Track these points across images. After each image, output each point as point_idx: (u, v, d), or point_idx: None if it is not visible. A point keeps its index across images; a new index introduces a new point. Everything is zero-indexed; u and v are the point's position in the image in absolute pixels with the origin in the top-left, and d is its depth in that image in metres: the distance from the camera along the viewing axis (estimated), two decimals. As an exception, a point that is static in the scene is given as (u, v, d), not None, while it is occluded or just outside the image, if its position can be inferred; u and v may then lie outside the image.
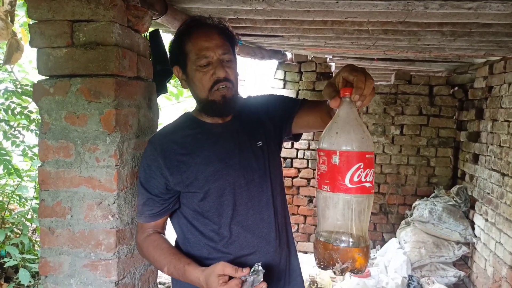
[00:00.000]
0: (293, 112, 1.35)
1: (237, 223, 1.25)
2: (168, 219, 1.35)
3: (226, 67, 1.23)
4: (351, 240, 0.90)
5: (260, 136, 1.32)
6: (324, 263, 0.91)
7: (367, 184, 0.89)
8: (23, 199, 3.49)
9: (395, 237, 4.00)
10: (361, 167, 0.87)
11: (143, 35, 1.60)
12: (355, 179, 0.87)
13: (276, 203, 1.32)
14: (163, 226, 1.33)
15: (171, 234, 1.32)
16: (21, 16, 3.06)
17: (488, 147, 3.41)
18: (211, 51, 1.21)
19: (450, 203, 3.74)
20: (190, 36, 1.24)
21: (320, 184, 0.91)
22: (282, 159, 4.30)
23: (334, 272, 0.90)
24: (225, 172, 1.24)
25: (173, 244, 1.36)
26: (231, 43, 1.28)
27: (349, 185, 0.87)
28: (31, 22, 1.39)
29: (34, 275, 3.10)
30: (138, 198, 1.30)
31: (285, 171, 4.33)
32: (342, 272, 0.90)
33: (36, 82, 1.40)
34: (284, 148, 4.34)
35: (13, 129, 3.24)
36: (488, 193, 3.34)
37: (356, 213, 0.89)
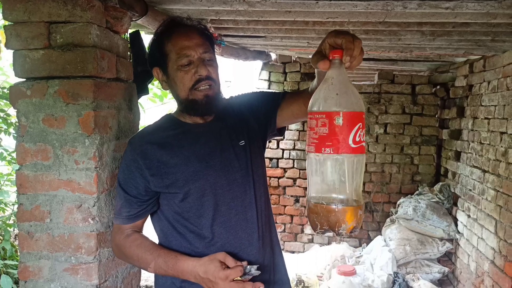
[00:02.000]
0: (277, 104, 1.35)
1: (220, 224, 1.24)
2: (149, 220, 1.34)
3: (207, 65, 1.23)
4: (354, 198, 0.91)
5: (243, 136, 1.32)
6: (326, 227, 0.91)
7: (364, 144, 0.91)
8: (2, 204, 3.42)
9: (381, 235, 4.04)
10: (360, 126, 0.89)
11: (123, 36, 1.59)
12: (357, 139, 0.89)
13: (259, 203, 1.32)
14: (141, 228, 1.32)
15: (152, 236, 1.31)
16: (1, 18, 3.01)
17: (469, 144, 3.47)
18: (192, 50, 1.21)
19: (434, 200, 3.79)
20: (170, 36, 1.24)
21: (320, 147, 0.89)
22: (268, 160, 4.33)
23: (340, 234, 0.91)
24: (206, 172, 1.23)
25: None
26: (210, 43, 1.29)
27: (353, 145, 0.88)
28: (7, 24, 1.37)
29: (17, 281, 3.05)
30: (116, 199, 1.29)
31: (271, 171, 4.34)
32: (351, 231, 0.91)
33: (13, 85, 1.38)
34: (270, 148, 4.35)
35: (-10, 133, 3.19)
36: (470, 190, 3.40)
37: (358, 172, 0.92)
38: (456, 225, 3.67)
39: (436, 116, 4.18)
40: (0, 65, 3.63)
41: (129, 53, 1.66)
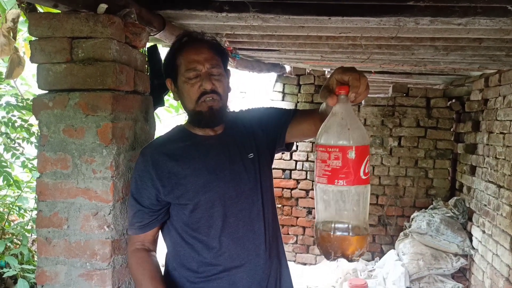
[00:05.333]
0: (287, 122, 1.38)
1: (227, 235, 1.27)
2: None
3: (214, 80, 1.26)
4: (364, 226, 0.97)
5: (252, 148, 1.35)
6: (339, 255, 0.96)
7: (369, 174, 0.97)
8: (22, 210, 3.52)
9: (394, 249, 4.00)
10: (368, 158, 0.95)
11: (141, 50, 1.65)
12: (366, 170, 0.94)
13: (266, 215, 1.34)
14: (153, 240, 1.34)
15: (162, 249, 1.35)
16: (25, 31, 3.13)
17: (484, 159, 3.43)
18: (200, 64, 1.26)
19: (448, 214, 3.75)
20: (182, 50, 1.30)
21: (332, 179, 0.94)
22: (281, 171, 4.35)
23: (353, 260, 0.96)
24: (215, 184, 1.26)
25: (164, 257, 1.38)
26: (222, 58, 1.33)
27: (363, 177, 0.94)
28: (33, 39, 1.44)
29: (33, 285, 3.12)
30: (129, 210, 1.33)
31: (284, 183, 4.36)
32: (360, 256, 0.97)
33: (35, 96, 1.44)
34: (283, 159, 4.37)
35: (13, 142, 3.30)
36: (485, 205, 3.35)
37: (367, 201, 0.97)
38: (471, 240, 3.62)
39: (451, 129, 4.14)
40: (23, 75, 3.77)
41: (146, 66, 1.72)
